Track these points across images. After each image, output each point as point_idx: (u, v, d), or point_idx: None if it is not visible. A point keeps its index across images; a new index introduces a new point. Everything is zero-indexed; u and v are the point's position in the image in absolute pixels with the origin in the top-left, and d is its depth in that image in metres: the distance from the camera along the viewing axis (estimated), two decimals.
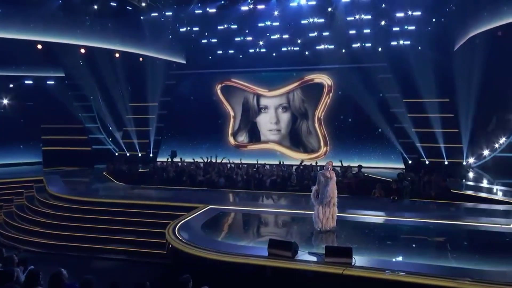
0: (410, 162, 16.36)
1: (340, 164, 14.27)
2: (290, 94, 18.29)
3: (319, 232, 8.19)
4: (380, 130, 16.66)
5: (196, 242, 7.35)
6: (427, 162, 15.98)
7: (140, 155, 19.37)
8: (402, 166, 16.44)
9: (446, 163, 15.67)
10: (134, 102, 19.55)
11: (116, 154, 19.46)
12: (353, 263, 6.28)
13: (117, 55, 17.49)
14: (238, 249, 7.10)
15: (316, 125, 18.01)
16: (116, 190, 13.19)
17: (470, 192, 11.62)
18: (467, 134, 14.91)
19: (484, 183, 13.63)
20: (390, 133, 16.70)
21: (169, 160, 16.71)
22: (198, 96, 19.37)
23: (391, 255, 7.12)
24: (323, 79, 18.00)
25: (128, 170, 15.61)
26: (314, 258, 6.65)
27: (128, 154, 19.34)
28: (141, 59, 18.28)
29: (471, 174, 14.87)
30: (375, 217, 9.59)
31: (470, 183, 13.42)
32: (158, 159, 18.84)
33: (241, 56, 18.66)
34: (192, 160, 15.63)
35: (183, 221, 8.82)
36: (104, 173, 16.04)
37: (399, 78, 16.36)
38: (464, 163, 15.37)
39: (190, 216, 9.28)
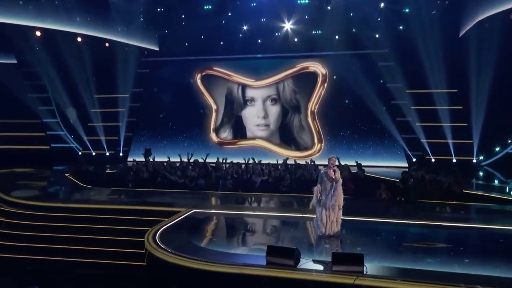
0: (414, 160, 16.44)
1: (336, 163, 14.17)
2: (280, 84, 18.20)
3: (321, 238, 8.04)
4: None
5: (181, 251, 7.08)
6: (433, 160, 16.11)
7: (107, 154, 18.98)
8: (405, 164, 16.54)
9: (454, 161, 15.82)
10: (101, 94, 19.08)
11: (80, 153, 19.00)
12: (365, 272, 6.15)
13: (79, 39, 17.03)
14: (231, 258, 6.90)
15: (309, 119, 17.96)
16: (82, 193, 12.79)
17: (482, 193, 11.80)
18: (478, 128, 15.09)
19: (496, 183, 13.90)
20: (392, 127, 16.80)
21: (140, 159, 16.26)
22: (175, 87, 19.08)
23: (404, 262, 7.01)
24: (317, 67, 17.97)
25: (94, 171, 15.14)
26: (319, 267, 6.50)
27: (93, 153, 18.91)
28: (107, 44, 17.85)
29: (481, 173, 15.06)
30: (383, 220, 9.57)
31: (481, 182, 13.66)
32: (129, 158, 18.41)
33: (222, 43, 18.46)
34: (167, 159, 15.21)
35: (165, 227, 8.55)
36: (66, 174, 15.52)
37: (401, 66, 16.46)
38: (474, 161, 15.53)
39: (171, 221, 9.03)
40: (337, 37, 17.28)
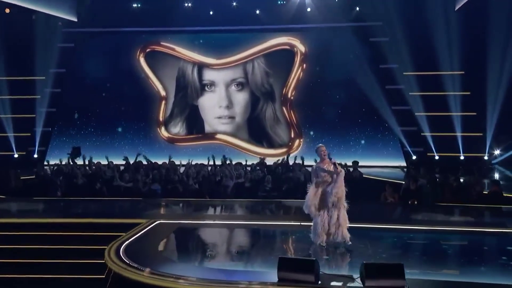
0: (414, 157, 16.89)
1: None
2: (249, 64, 18.17)
3: (323, 248, 7.96)
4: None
5: (162, 270, 6.65)
6: (436, 157, 16.64)
7: (16, 155, 18.19)
8: (403, 163, 16.96)
9: (462, 158, 16.43)
10: (7, 76, 18.19)
11: None
12: (406, 287, 6.08)
13: None
14: (230, 275, 6.66)
15: (285, 108, 18.02)
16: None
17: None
18: (493, 118, 15.72)
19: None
20: (386, 118, 17.24)
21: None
22: (111, 67, 18.52)
23: (444, 274, 7.06)
24: (294, 43, 18.04)
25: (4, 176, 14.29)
26: (347, 283, 6.34)
27: None
28: (7, 10, 17.20)
29: (492, 172, 15.70)
30: (399, 227, 9.71)
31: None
32: (47, 161, 17.36)
33: (165, 13, 18.02)
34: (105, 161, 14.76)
35: (127, 241, 8.10)
36: None
37: (397, 43, 16.86)
38: (486, 158, 16.19)
39: (134, 235, 8.58)
40: (321, 5, 17.41)
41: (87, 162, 14.40)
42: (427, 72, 16.84)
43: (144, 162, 14.35)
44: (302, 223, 9.55)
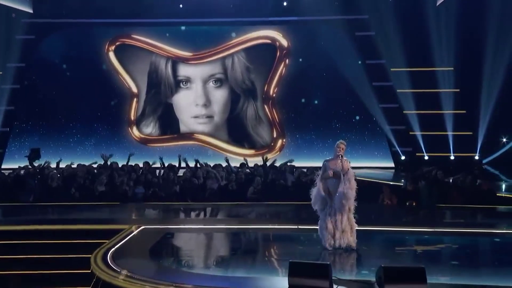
0: (403, 157, 17.08)
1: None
2: (228, 59, 18.01)
3: (329, 252, 7.91)
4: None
5: (157, 277, 6.45)
6: (426, 157, 16.80)
7: None
8: (391, 164, 17.17)
9: (452, 157, 16.63)
10: None
11: None
12: None
13: None
14: (239, 283, 6.61)
15: (267, 106, 17.98)
16: None
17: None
18: (484, 116, 15.94)
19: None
20: (374, 116, 17.37)
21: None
22: (76, 61, 18.10)
23: (461, 278, 7.07)
24: (276, 37, 18.01)
25: None
26: None
27: None
28: None
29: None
30: (403, 229, 9.80)
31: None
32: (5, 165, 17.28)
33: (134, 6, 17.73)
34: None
35: (113, 248, 7.88)
36: None
37: (385, 38, 16.96)
38: (477, 157, 16.44)
39: (118, 241, 8.41)
40: None
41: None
42: (416, 68, 16.97)
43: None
44: (299, 226, 9.74)
